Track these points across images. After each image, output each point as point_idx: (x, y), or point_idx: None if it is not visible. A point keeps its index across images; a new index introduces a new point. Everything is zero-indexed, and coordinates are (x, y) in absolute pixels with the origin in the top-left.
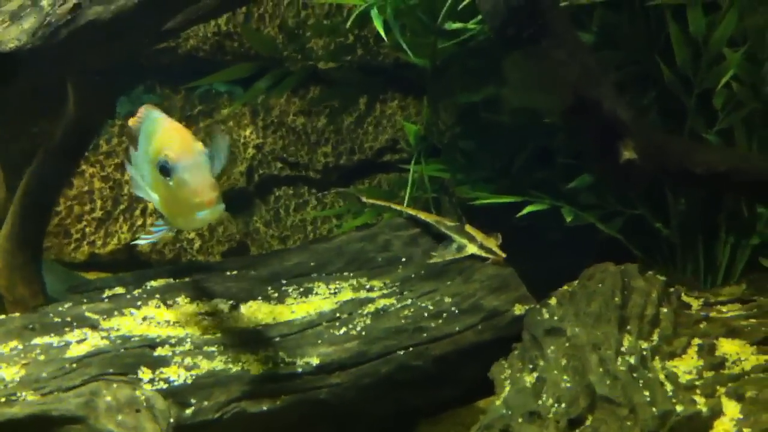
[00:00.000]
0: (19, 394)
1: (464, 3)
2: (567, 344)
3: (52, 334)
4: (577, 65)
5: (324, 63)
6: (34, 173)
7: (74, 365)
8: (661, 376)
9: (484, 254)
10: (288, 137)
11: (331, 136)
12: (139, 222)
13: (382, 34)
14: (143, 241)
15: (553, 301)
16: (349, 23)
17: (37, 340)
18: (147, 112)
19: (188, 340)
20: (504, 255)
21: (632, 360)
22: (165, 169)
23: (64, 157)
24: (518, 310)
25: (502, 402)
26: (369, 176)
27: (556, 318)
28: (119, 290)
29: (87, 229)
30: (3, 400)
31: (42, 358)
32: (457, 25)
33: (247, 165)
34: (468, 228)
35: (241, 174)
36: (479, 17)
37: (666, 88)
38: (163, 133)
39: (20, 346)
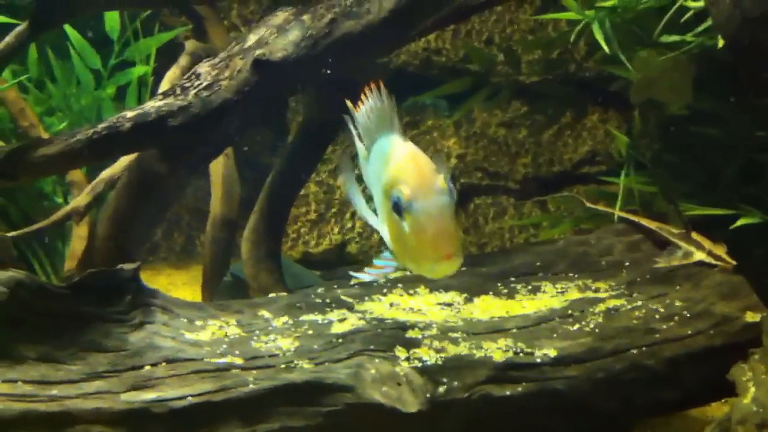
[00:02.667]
0: (295, 363)
1: (686, 17)
2: None
3: (316, 313)
4: None
5: (531, 77)
6: (277, 173)
7: (340, 340)
8: None
9: (712, 261)
10: (489, 148)
11: (531, 147)
12: (349, 224)
13: (605, 46)
14: (367, 277)
15: None
16: (572, 36)
17: (304, 317)
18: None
19: (434, 325)
20: (734, 262)
21: None
22: (398, 207)
23: (303, 158)
24: (749, 317)
25: (752, 400)
26: (567, 187)
27: None
28: None
29: (302, 230)
30: (283, 366)
31: (310, 332)
32: (674, 38)
33: (449, 174)
34: (694, 235)
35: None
36: (697, 30)
37: None
38: (400, 162)
39: (291, 321)
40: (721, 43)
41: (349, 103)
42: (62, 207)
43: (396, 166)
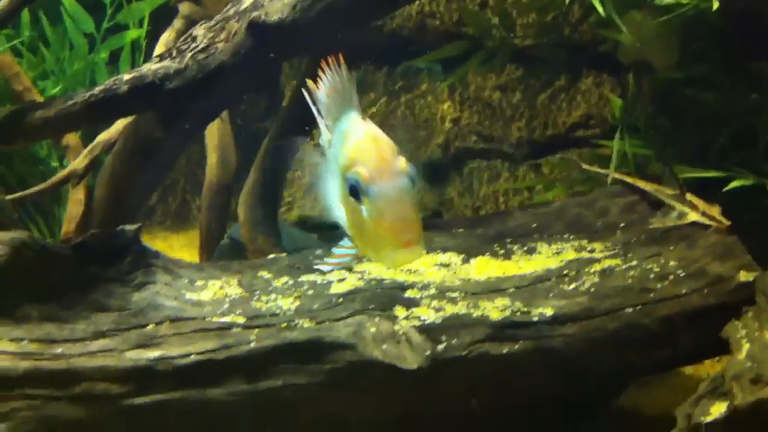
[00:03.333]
0: (296, 322)
1: None
2: None
3: (316, 274)
4: None
5: (525, 41)
6: (272, 137)
7: (340, 300)
8: None
9: (706, 221)
10: (483, 112)
11: (526, 111)
12: None
13: (599, 8)
14: (326, 268)
15: None
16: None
17: (304, 278)
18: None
19: (432, 286)
20: (728, 223)
21: None
22: (355, 191)
23: (298, 122)
24: (743, 277)
25: (746, 357)
26: (561, 151)
27: None
28: None
29: (298, 194)
30: (284, 325)
31: (310, 292)
32: (670, 1)
33: (444, 138)
34: (689, 196)
35: (438, 146)
36: None
37: None
38: (357, 142)
39: (291, 282)
40: (715, 5)
41: (309, 81)
42: (57, 171)
43: (354, 146)
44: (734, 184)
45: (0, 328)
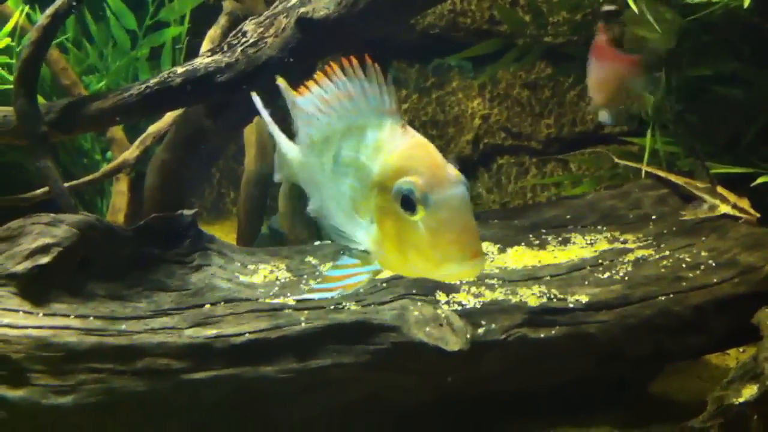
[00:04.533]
0: (344, 305)
1: None
2: None
3: None
4: None
5: (557, 39)
6: None
7: (384, 284)
8: None
9: (737, 213)
10: (513, 108)
11: (554, 108)
12: None
13: (633, 6)
14: (328, 294)
15: None
16: None
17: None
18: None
19: None
20: (758, 215)
21: None
22: (409, 201)
23: None
24: None
25: None
26: (589, 147)
27: None
28: None
29: None
30: (332, 307)
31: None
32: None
33: (474, 134)
34: (720, 189)
35: (467, 143)
36: None
37: None
38: (404, 150)
39: None
40: (746, 2)
41: (284, 85)
42: (101, 164)
43: (399, 155)
44: (762, 179)
45: (68, 305)
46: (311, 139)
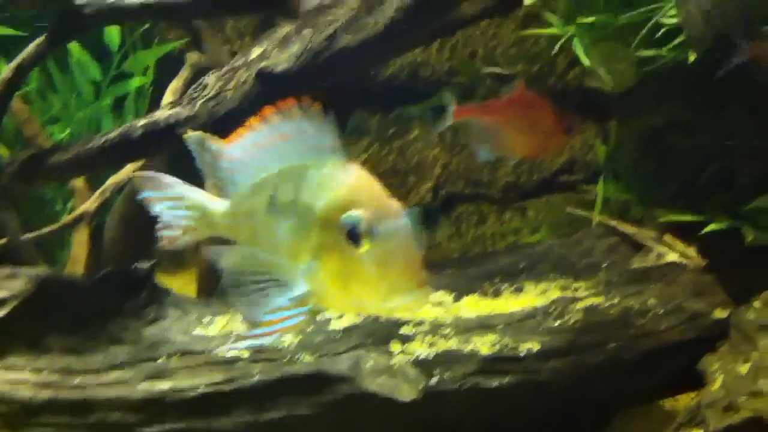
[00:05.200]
0: (298, 356)
1: (661, 32)
2: None
3: None
4: None
5: None
6: None
7: (339, 335)
8: None
9: (684, 261)
10: (472, 157)
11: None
12: None
13: (584, 60)
14: (266, 339)
15: (757, 303)
16: (555, 50)
17: None
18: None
19: (425, 322)
20: (704, 262)
21: None
22: (354, 234)
23: None
24: (718, 313)
25: (720, 386)
26: (546, 195)
27: (765, 316)
28: None
29: None
30: (286, 359)
31: (311, 328)
32: (651, 52)
33: (434, 183)
34: (667, 237)
35: (428, 191)
36: (673, 44)
37: None
38: (348, 185)
39: None
40: (692, 57)
41: (202, 136)
42: (62, 214)
43: (345, 189)
44: (711, 227)
45: (24, 358)
46: (241, 187)
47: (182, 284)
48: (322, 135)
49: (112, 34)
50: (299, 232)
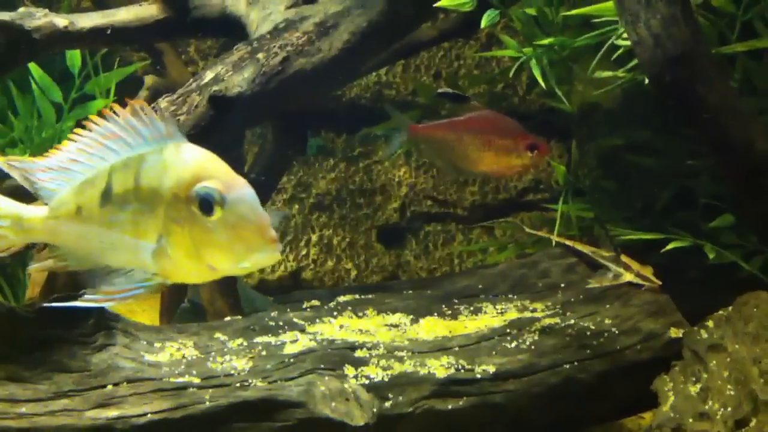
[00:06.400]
0: (250, 381)
1: (617, 54)
2: (728, 359)
3: (270, 335)
4: (729, 109)
5: None
6: None
7: (292, 360)
8: None
9: (640, 281)
10: (438, 177)
11: (478, 176)
12: (303, 252)
13: (541, 81)
14: (108, 303)
15: (710, 323)
16: (511, 73)
17: (258, 339)
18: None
19: (381, 345)
20: (659, 283)
21: None
22: (207, 204)
23: (258, 188)
24: (674, 333)
25: (670, 408)
26: (512, 214)
27: (716, 336)
28: (315, 303)
29: None
30: (238, 385)
31: (264, 353)
32: (608, 74)
33: (401, 202)
34: (624, 258)
35: (394, 210)
36: (628, 66)
37: None
38: (196, 162)
39: (245, 343)
40: (647, 81)
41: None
42: None
43: (192, 165)
44: (672, 245)
45: None
46: (63, 192)
47: (146, 305)
48: (155, 125)
49: (74, 56)
50: (142, 215)
